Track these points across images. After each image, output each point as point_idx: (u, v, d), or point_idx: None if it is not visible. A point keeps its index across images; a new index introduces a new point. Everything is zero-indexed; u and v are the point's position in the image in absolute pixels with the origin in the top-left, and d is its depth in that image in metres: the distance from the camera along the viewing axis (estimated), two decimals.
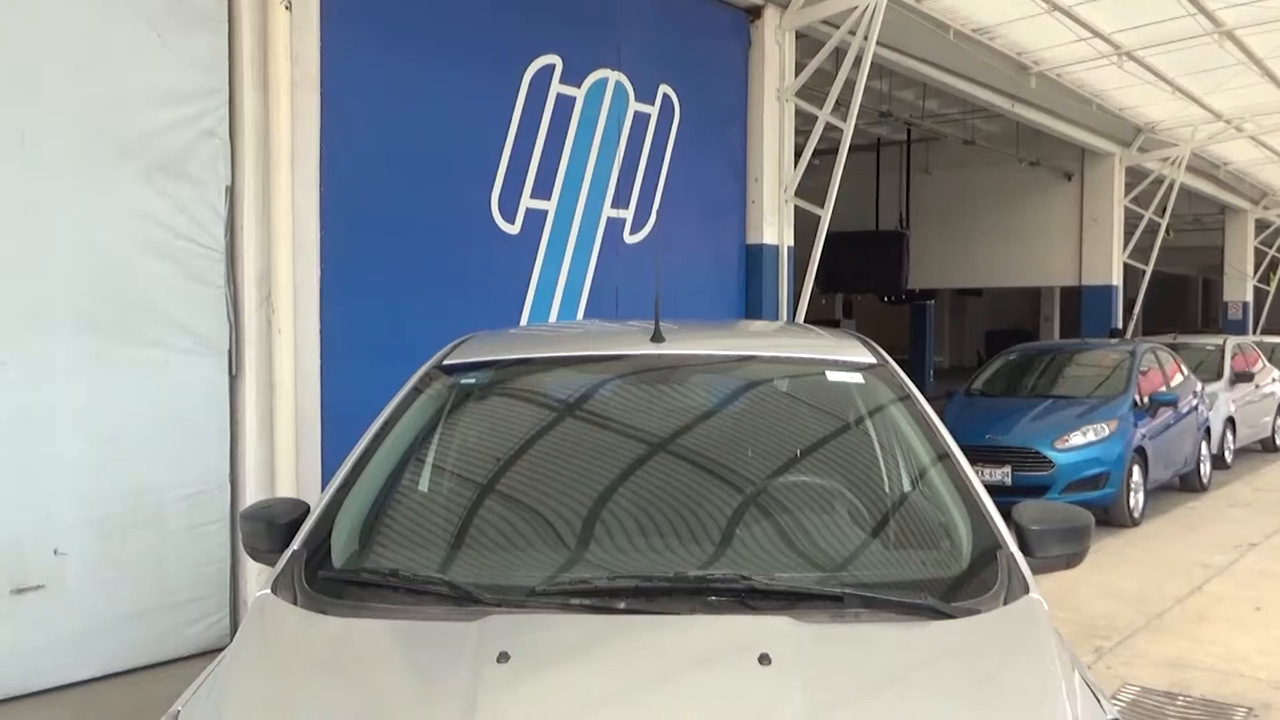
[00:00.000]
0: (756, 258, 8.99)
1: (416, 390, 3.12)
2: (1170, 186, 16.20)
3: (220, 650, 2.52)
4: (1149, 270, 16.79)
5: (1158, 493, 10.34)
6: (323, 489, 2.98)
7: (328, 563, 2.58)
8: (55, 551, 4.88)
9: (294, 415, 5.59)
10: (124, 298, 5.09)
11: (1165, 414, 10.37)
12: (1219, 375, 13.15)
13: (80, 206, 4.94)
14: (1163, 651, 5.78)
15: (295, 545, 2.63)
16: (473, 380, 3.23)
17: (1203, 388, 11.84)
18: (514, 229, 7.05)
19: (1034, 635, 2.29)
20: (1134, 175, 16.51)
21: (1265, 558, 8.16)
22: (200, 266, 5.37)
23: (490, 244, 6.89)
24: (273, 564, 2.66)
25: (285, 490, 5.45)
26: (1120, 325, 16.24)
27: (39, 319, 4.84)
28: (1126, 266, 16.85)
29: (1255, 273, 23.09)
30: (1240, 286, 22.92)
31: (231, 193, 5.49)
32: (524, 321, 7.12)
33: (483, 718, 1.93)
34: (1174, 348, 12.38)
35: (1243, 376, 13.64)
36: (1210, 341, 14.37)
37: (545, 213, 7.26)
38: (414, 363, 3.29)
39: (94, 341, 4.99)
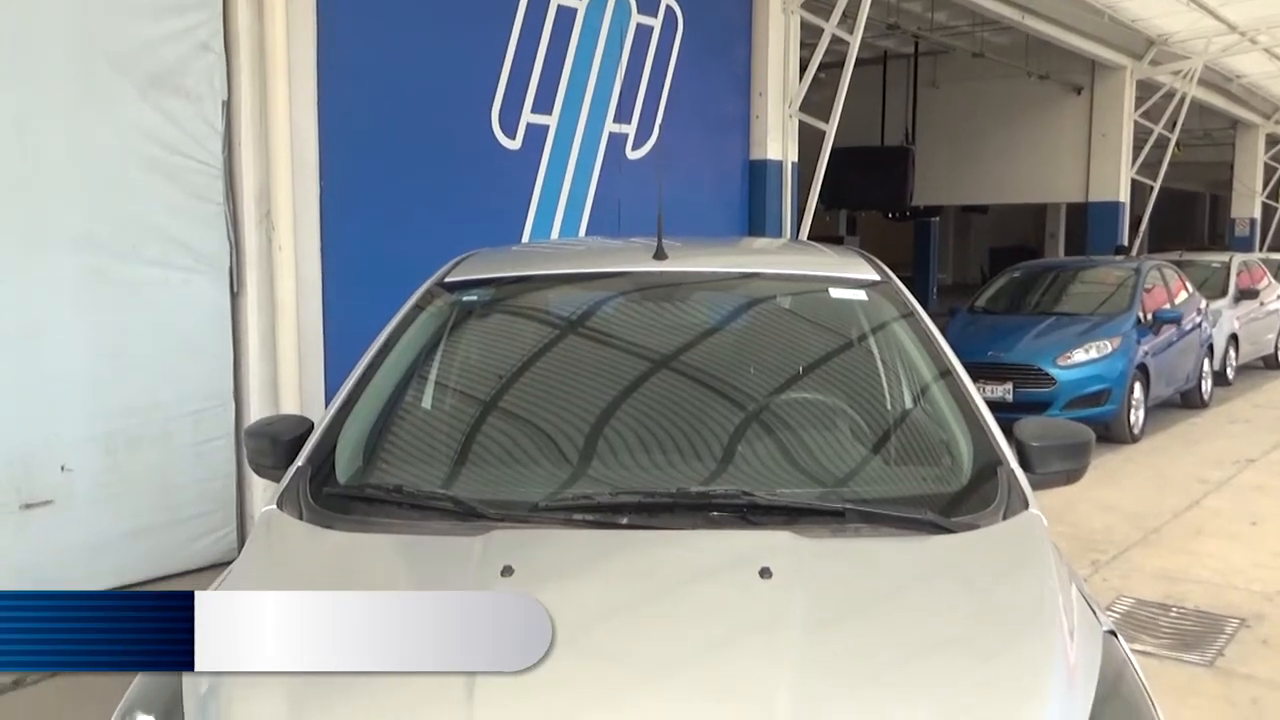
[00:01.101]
0: (760, 173, 8.90)
1: (418, 308, 3.10)
2: (1181, 100, 15.94)
3: (228, 564, 2.55)
4: (1157, 186, 16.61)
5: (1158, 409, 10.37)
6: (326, 406, 2.99)
7: (332, 479, 2.59)
8: (62, 468, 4.92)
9: (296, 332, 5.59)
10: (122, 214, 5.05)
11: (1168, 331, 10.34)
12: (1224, 292, 13.10)
13: (75, 120, 4.87)
14: (1159, 565, 5.86)
15: (300, 462, 2.64)
16: (474, 297, 3.21)
17: (1207, 305, 11.80)
18: (515, 144, 6.96)
19: (1032, 549, 2.31)
20: (1144, 89, 16.22)
21: (1263, 473, 8.22)
22: (198, 183, 5.31)
23: (491, 160, 6.81)
24: (277, 480, 2.68)
25: (289, 407, 5.47)
26: (1126, 242, 16.12)
27: (37, 236, 4.80)
28: (1134, 182, 16.67)
29: (1264, 189, 22.86)
30: (1248, 203, 22.71)
31: (228, 108, 5.41)
32: (526, 238, 7.07)
33: None
34: (1180, 265, 12.31)
35: (1248, 294, 13.59)
36: (1216, 258, 14.29)
37: (546, 128, 7.16)
38: (415, 280, 3.27)
39: (94, 259, 4.96)
